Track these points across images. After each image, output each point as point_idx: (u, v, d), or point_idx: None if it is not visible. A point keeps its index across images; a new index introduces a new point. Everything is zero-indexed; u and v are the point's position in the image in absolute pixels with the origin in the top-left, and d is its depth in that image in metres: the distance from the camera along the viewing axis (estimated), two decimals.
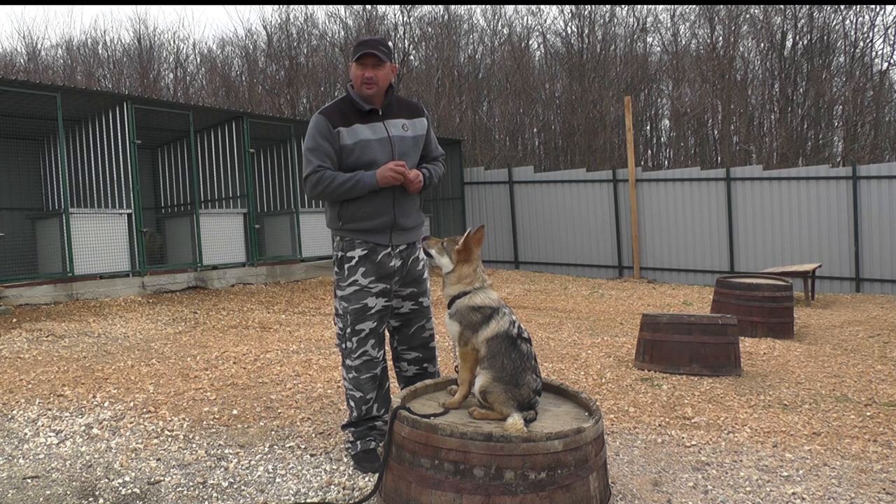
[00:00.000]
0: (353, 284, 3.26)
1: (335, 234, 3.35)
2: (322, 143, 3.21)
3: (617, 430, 4.08)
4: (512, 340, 2.77)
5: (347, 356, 3.35)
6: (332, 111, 3.26)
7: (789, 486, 3.22)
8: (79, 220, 9.56)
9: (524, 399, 2.70)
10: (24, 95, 9.44)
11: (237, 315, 8.68)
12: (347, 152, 3.21)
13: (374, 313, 3.29)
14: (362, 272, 3.25)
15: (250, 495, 3.12)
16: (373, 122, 3.26)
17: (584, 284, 13.03)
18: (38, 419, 4.26)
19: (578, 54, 21.44)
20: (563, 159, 20.90)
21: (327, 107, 3.30)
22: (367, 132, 3.24)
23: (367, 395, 3.35)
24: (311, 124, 3.27)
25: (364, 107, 3.26)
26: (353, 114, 3.26)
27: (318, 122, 3.23)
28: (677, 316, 5.79)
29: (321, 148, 3.21)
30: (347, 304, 3.29)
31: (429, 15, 22.68)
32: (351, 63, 3.27)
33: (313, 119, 3.26)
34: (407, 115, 3.38)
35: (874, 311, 9.64)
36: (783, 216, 12.68)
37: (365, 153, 3.22)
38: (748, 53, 20.71)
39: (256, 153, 13.57)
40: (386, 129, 3.28)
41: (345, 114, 3.25)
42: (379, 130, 3.26)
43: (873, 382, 5.39)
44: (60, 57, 24.95)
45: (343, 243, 3.30)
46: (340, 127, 3.21)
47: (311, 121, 3.28)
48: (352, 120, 3.24)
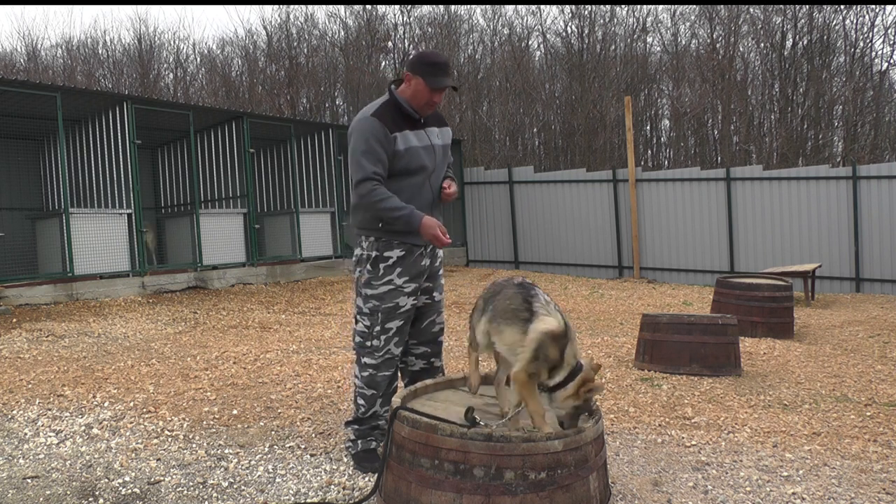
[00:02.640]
0: (388, 284, 3.30)
1: (369, 234, 3.34)
2: (377, 147, 3.18)
3: (617, 430, 4.08)
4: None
5: (369, 354, 3.36)
6: (384, 115, 3.23)
7: (789, 486, 3.22)
8: (79, 220, 9.56)
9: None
10: (24, 95, 9.44)
11: (237, 315, 8.68)
12: (399, 157, 3.23)
13: (402, 312, 3.34)
14: (398, 272, 3.30)
15: (250, 495, 3.12)
16: (418, 130, 3.32)
17: (584, 284, 13.03)
18: (38, 419, 4.26)
19: (578, 54, 21.43)
20: (563, 159, 20.90)
21: (378, 110, 3.25)
22: (414, 139, 3.29)
23: (380, 392, 3.38)
24: (364, 126, 3.21)
25: (415, 115, 3.30)
26: (404, 119, 3.28)
27: (374, 126, 3.19)
28: (677, 316, 5.79)
29: (375, 153, 3.18)
30: (379, 302, 3.31)
31: (429, 15, 22.70)
32: (419, 77, 3.21)
33: (367, 122, 3.21)
34: (437, 124, 3.45)
35: (874, 311, 9.64)
36: (783, 216, 12.67)
37: (414, 159, 3.27)
38: (748, 53, 20.72)
39: (256, 153, 13.57)
40: (428, 137, 3.35)
41: (396, 119, 3.26)
42: (423, 138, 3.32)
43: (873, 382, 5.39)
44: (60, 57, 24.97)
45: (379, 244, 3.31)
46: (396, 132, 3.23)
47: (362, 123, 3.23)
48: (403, 126, 3.27)
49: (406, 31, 22.74)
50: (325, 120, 19.73)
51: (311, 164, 13.44)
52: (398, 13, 24.83)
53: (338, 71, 22.62)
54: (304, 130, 13.38)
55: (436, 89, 3.21)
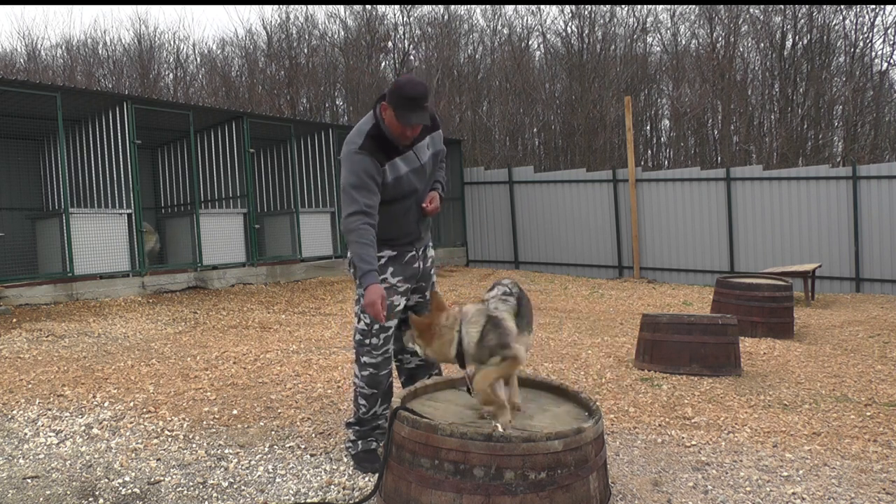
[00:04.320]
0: (383, 282, 3.31)
1: None
2: (368, 181, 3.16)
3: (617, 430, 4.08)
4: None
5: (368, 353, 3.36)
6: (372, 149, 3.20)
7: (789, 486, 3.22)
8: (79, 220, 9.56)
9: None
10: (24, 95, 9.44)
11: (237, 315, 8.68)
12: (389, 187, 3.24)
13: (398, 311, 3.38)
14: (391, 271, 3.33)
15: (250, 495, 3.12)
16: (405, 154, 3.29)
17: (584, 284, 13.03)
18: (38, 419, 4.26)
19: (578, 54, 21.43)
20: (563, 159, 20.90)
21: (366, 144, 3.20)
22: (403, 165, 3.27)
23: (381, 391, 3.39)
24: (354, 161, 3.18)
25: (400, 146, 3.26)
26: (390, 149, 3.26)
27: (365, 162, 3.16)
28: (677, 316, 5.79)
29: (367, 186, 3.16)
30: None
31: (429, 15, 22.70)
32: (391, 109, 3.14)
33: (357, 158, 3.18)
34: (429, 130, 3.40)
35: (874, 311, 9.64)
36: (783, 216, 12.67)
37: (404, 186, 3.28)
38: (748, 53, 20.71)
39: (256, 153, 13.57)
40: (417, 158, 3.32)
41: (383, 150, 3.24)
42: (412, 160, 3.31)
43: (873, 382, 5.39)
44: (60, 57, 24.97)
45: None
46: (385, 164, 3.22)
47: (351, 156, 3.20)
48: (391, 155, 3.25)
49: (406, 31, 22.75)
50: (325, 120, 19.73)
51: (311, 164, 13.44)
52: (398, 13, 24.83)
53: (338, 71, 22.62)
54: (304, 130, 13.38)
55: (406, 125, 3.15)
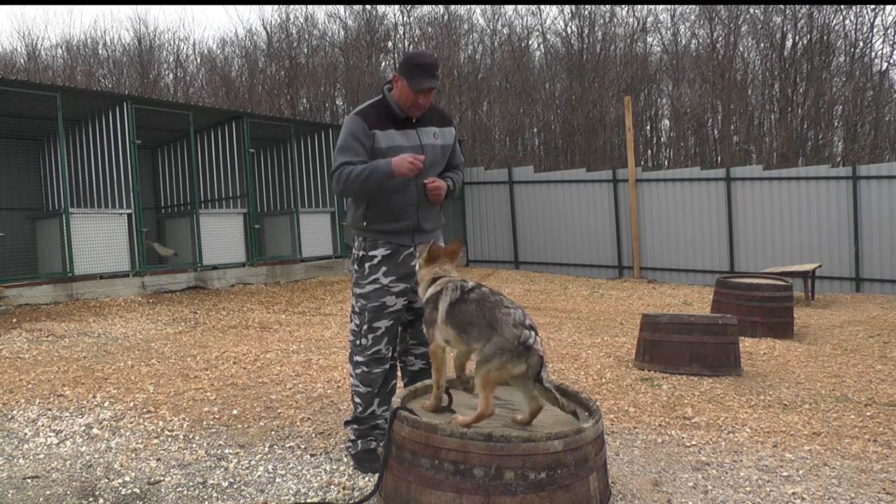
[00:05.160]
0: (374, 283, 3.31)
1: (357, 233, 3.39)
2: (353, 143, 3.22)
3: (617, 430, 4.08)
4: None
5: (359, 352, 3.38)
6: (368, 113, 3.27)
7: (789, 486, 3.22)
8: (79, 220, 9.56)
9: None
10: (24, 95, 9.44)
11: (237, 315, 8.68)
12: (379, 155, 3.24)
13: (391, 312, 3.35)
14: (384, 272, 3.31)
15: (250, 495, 3.12)
16: (406, 129, 3.30)
17: (584, 284, 13.03)
18: (38, 419, 4.26)
19: (578, 54, 21.44)
20: (563, 159, 20.91)
21: (363, 108, 3.30)
22: (401, 139, 3.27)
23: (376, 390, 3.39)
24: (345, 124, 3.29)
25: (401, 114, 3.28)
26: (389, 119, 3.28)
27: (353, 123, 3.24)
28: (677, 316, 5.79)
29: (351, 147, 3.22)
30: (366, 301, 3.34)
31: (429, 15, 22.70)
32: (402, 79, 3.20)
33: (348, 119, 3.28)
34: (438, 123, 3.42)
35: (874, 311, 9.64)
36: (783, 216, 12.67)
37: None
38: (748, 53, 20.73)
39: (256, 153, 13.57)
40: (419, 137, 3.31)
41: (381, 117, 3.27)
42: (412, 138, 3.30)
43: (873, 382, 5.39)
44: (60, 57, 24.98)
45: (366, 243, 3.35)
46: (377, 129, 3.24)
47: (345, 121, 3.30)
48: (387, 125, 3.26)
49: (406, 31, 22.75)
50: (325, 120, 19.72)
51: (311, 164, 13.44)
52: (398, 13, 24.86)
53: (338, 71, 22.63)
54: (304, 130, 13.38)
55: (418, 91, 3.18)
